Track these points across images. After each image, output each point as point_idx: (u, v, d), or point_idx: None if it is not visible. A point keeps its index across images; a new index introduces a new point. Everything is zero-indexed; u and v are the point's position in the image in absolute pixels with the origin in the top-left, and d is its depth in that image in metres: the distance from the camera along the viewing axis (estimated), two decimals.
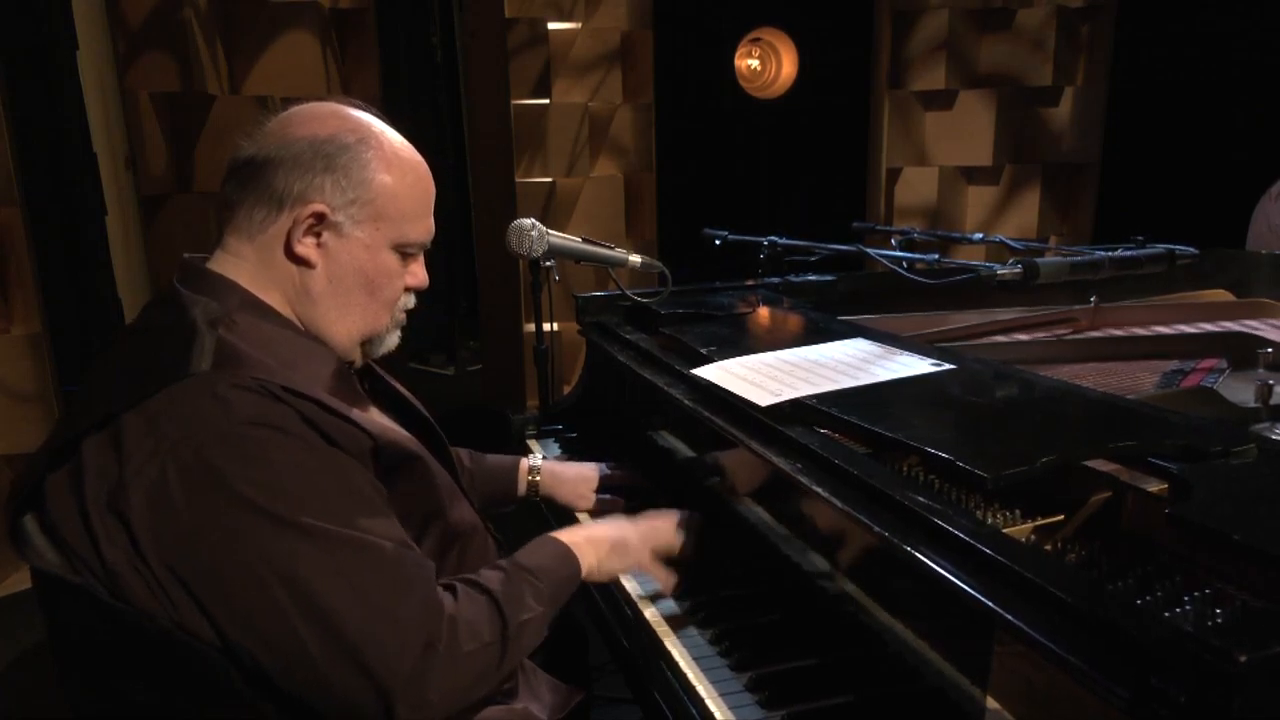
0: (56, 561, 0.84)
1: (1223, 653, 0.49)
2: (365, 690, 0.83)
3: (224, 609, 0.82)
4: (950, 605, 0.72)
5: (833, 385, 1.10)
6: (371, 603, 0.84)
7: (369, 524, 0.87)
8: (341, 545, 0.84)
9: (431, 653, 0.86)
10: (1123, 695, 0.54)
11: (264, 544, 0.82)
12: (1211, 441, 0.82)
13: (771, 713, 0.86)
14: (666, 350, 1.46)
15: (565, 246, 1.60)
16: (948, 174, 4.30)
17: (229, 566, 0.81)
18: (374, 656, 0.82)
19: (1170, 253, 1.36)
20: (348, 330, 1.02)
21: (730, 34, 4.18)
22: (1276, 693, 0.50)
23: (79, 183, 3.13)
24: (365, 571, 0.85)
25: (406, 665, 0.84)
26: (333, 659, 0.81)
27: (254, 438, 0.83)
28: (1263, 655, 0.49)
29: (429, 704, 0.86)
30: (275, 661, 0.82)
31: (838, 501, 0.87)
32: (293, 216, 0.96)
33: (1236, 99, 3.75)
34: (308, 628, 0.81)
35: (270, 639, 0.82)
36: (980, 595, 0.68)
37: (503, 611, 0.95)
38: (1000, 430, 0.94)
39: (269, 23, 3.40)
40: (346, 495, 0.88)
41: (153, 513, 0.81)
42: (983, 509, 0.91)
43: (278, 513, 0.82)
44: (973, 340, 1.78)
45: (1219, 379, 1.48)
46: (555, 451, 1.68)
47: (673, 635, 1.03)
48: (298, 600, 0.81)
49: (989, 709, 0.69)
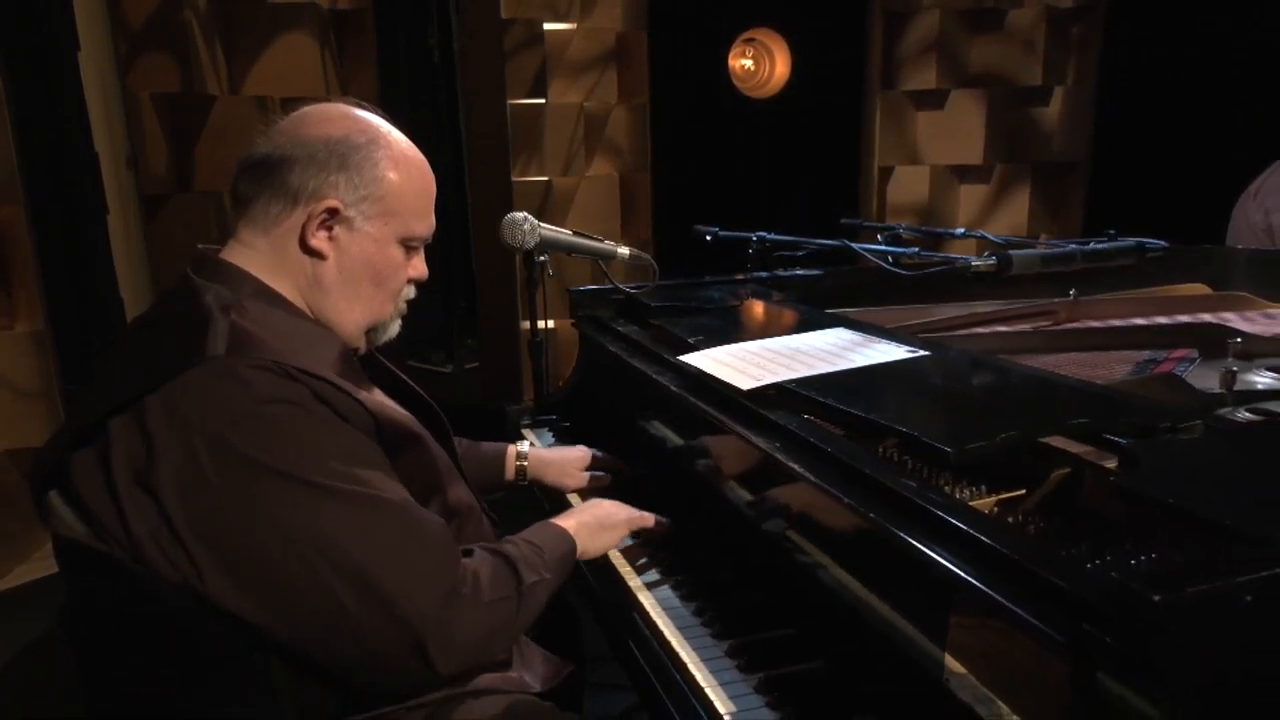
0: (83, 532, 0.90)
1: (1141, 596, 0.54)
2: (397, 635, 0.89)
3: (257, 572, 0.87)
4: (913, 569, 0.77)
5: (812, 371, 1.15)
6: (396, 554, 0.90)
7: (384, 485, 0.94)
8: (363, 503, 0.91)
9: (456, 598, 0.93)
10: (1059, 640, 0.59)
11: (291, 507, 0.87)
12: (1161, 419, 0.87)
13: (749, 675, 0.91)
14: (657, 341, 1.52)
15: (557, 239, 1.66)
16: (939, 173, 4.35)
17: (260, 531, 0.87)
18: (403, 603, 0.89)
19: (1140, 246, 1.41)
20: (355, 318, 1.08)
21: (724, 34, 4.23)
22: (1191, 631, 0.55)
23: (81, 182, 3.17)
24: (387, 526, 0.91)
25: (434, 609, 0.90)
26: (364, 608, 0.87)
27: (273, 413, 0.89)
28: (1177, 597, 0.54)
29: (456, 646, 0.93)
30: (308, 617, 0.88)
31: (812, 476, 0.92)
32: (307, 211, 1.02)
33: (1224, 99, 3.80)
34: (339, 581, 0.87)
35: (304, 595, 0.87)
36: (939, 558, 0.73)
37: (516, 571, 1.02)
38: (965, 410, 0.99)
39: (268, 24, 3.44)
40: (361, 462, 0.94)
41: (182, 488, 0.86)
42: (951, 485, 0.96)
43: (301, 477, 0.88)
44: (955, 332, 1.83)
45: (1189, 368, 1.53)
46: (550, 440, 1.73)
47: (650, 596, 1.09)
48: (327, 556, 0.87)
49: (947, 665, 0.74)
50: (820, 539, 0.96)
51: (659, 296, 1.75)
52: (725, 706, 0.88)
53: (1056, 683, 0.61)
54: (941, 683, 0.75)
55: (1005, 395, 1.04)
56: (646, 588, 1.14)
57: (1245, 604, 0.55)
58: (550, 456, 1.49)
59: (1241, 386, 1.40)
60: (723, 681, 0.92)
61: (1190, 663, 0.55)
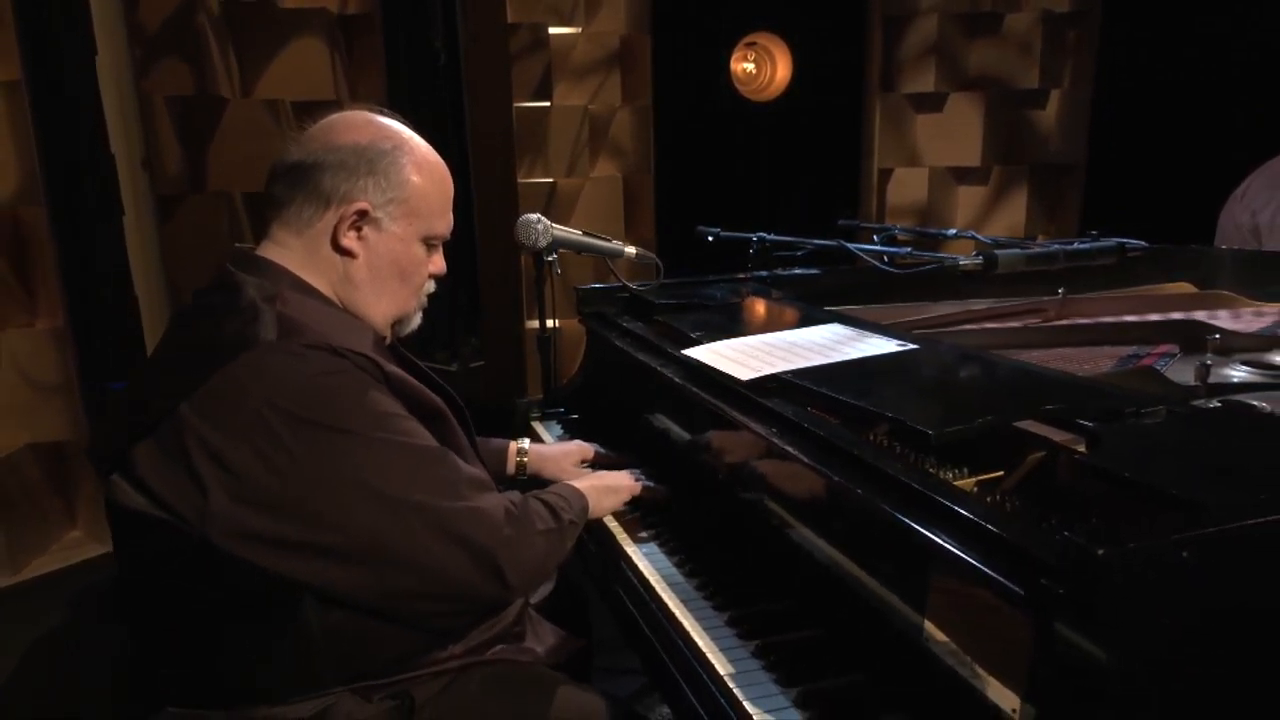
0: (148, 506, 0.97)
1: (1087, 550, 0.62)
2: (475, 558, 1.00)
3: (334, 521, 0.96)
4: (895, 540, 0.84)
5: (807, 363, 1.22)
6: (456, 490, 1.02)
7: (426, 436, 1.05)
8: (420, 451, 1.03)
9: (514, 523, 1.05)
10: (1019, 593, 0.67)
11: (360, 460, 0.97)
12: (1127, 405, 0.94)
13: (747, 642, 0.99)
14: (661, 336, 1.59)
15: (568, 238, 1.74)
16: (938, 174, 4.42)
17: (336, 486, 0.96)
18: (473, 529, 1.01)
19: (1120, 246, 1.48)
20: (383, 312, 1.16)
21: (726, 38, 4.30)
22: (1132, 582, 0.62)
23: (98, 183, 3.25)
24: (444, 468, 1.04)
25: (501, 534, 1.03)
26: (440, 539, 0.99)
27: (331, 384, 0.99)
28: (1118, 551, 0.61)
29: (523, 565, 1.05)
30: (383, 550, 0.98)
31: (805, 458, 1.00)
32: (339, 213, 1.10)
33: (1217, 102, 3.87)
34: (416, 515, 0.98)
35: (377, 537, 0.97)
36: (918, 527, 0.80)
37: (554, 509, 1.15)
38: (947, 398, 1.06)
39: (279, 28, 3.52)
40: (410, 420, 1.05)
41: (264, 456, 0.95)
42: (936, 467, 1.03)
43: (364, 433, 0.98)
44: (948, 328, 1.90)
45: (1169, 363, 1.60)
46: (558, 433, 1.81)
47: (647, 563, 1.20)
48: (398, 496, 0.98)
49: (926, 627, 0.81)
50: (812, 515, 1.04)
51: (663, 294, 1.82)
52: (724, 668, 0.95)
53: (1020, 634, 0.69)
54: (921, 643, 0.82)
55: (985, 384, 1.11)
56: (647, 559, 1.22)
57: (1182, 559, 0.63)
58: (549, 452, 1.57)
59: (1218, 380, 1.47)
60: (723, 648, 0.99)
61: (1133, 611, 0.62)
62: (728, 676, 0.94)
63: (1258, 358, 1.58)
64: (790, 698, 0.89)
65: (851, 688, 0.89)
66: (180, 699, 1.04)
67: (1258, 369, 1.52)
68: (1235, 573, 0.66)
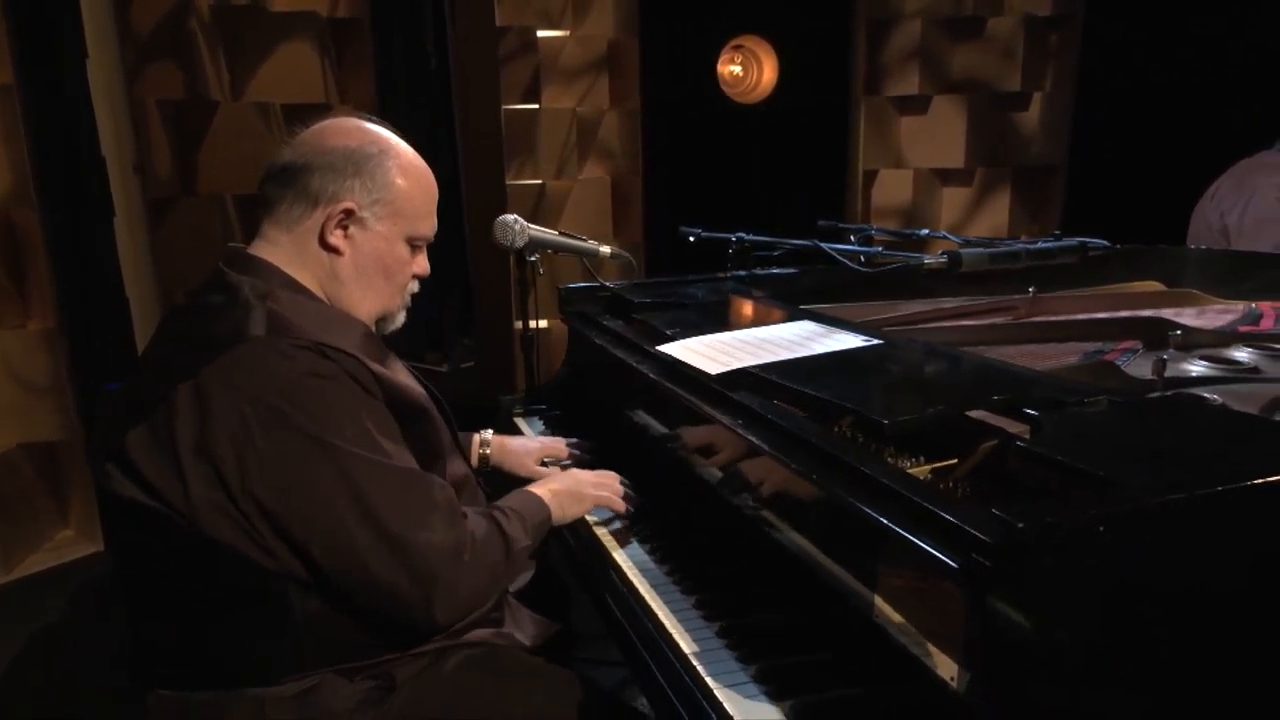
0: (138, 494, 1.02)
1: (1010, 524, 0.66)
2: (410, 588, 1.02)
3: (298, 523, 1.01)
4: (847, 522, 0.89)
5: (775, 358, 1.27)
6: (414, 515, 1.04)
7: (401, 455, 1.08)
8: (387, 470, 1.04)
9: (460, 559, 1.06)
10: (954, 565, 0.72)
11: (327, 468, 1.01)
12: (1070, 395, 0.99)
13: (711, 623, 1.04)
14: (638, 333, 1.64)
15: (544, 238, 1.79)
16: (922, 176, 4.47)
17: (300, 487, 1.00)
18: (417, 556, 1.02)
19: (1082, 245, 1.54)
20: (368, 309, 1.21)
21: (713, 41, 4.35)
22: (1051, 553, 0.67)
23: (89, 186, 3.28)
24: (407, 491, 1.05)
25: (444, 567, 1.04)
26: (384, 561, 1.01)
27: (312, 386, 1.03)
28: (1039, 526, 0.66)
29: (459, 602, 1.08)
30: (335, 564, 1.02)
31: (766, 447, 1.04)
32: (326, 212, 1.15)
33: (1196, 105, 3.94)
34: (365, 534, 1.01)
35: (333, 544, 1.01)
36: (867, 509, 0.85)
37: (506, 536, 1.16)
38: (904, 390, 1.11)
39: (269, 32, 3.55)
40: (384, 431, 1.07)
41: (236, 451, 0.99)
42: (894, 456, 1.08)
43: (336, 443, 1.01)
44: (921, 325, 1.95)
45: (1131, 358, 1.66)
46: (539, 428, 1.85)
47: (624, 555, 1.23)
48: (356, 511, 1.01)
49: (876, 603, 0.86)
50: (774, 502, 1.09)
51: (643, 293, 1.87)
52: (689, 646, 1.00)
53: (956, 606, 0.73)
54: (872, 619, 0.87)
55: (939, 377, 1.16)
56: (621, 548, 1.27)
57: (1099, 533, 0.67)
58: (511, 446, 1.59)
59: (1176, 374, 1.53)
60: (688, 627, 1.04)
61: (1055, 582, 0.67)
62: (692, 655, 0.98)
63: (1216, 353, 1.64)
64: (750, 673, 0.94)
65: (808, 663, 0.94)
66: (170, 682, 1.08)
67: (1215, 364, 1.57)
68: (1150, 547, 0.71)
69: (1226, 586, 0.76)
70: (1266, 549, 0.78)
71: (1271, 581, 0.77)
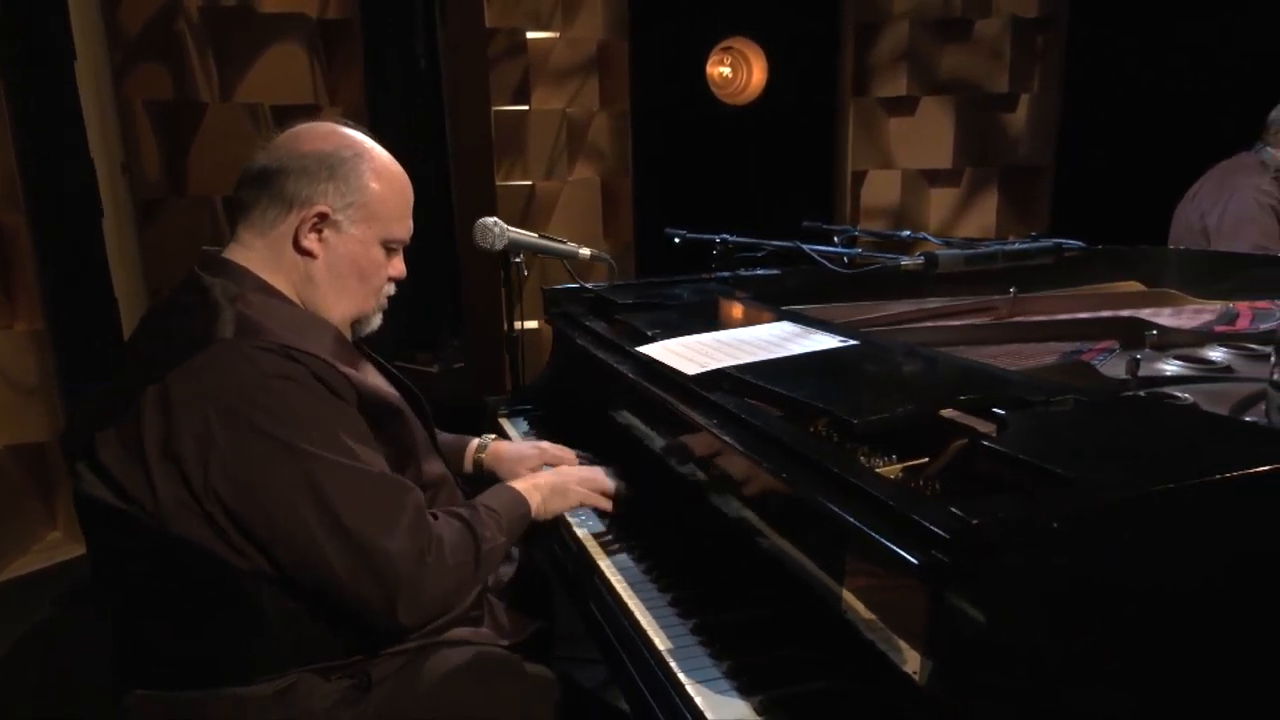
0: (108, 495, 1.03)
1: (965, 521, 0.68)
2: (374, 590, 1.03)
3: (259, 522, 1.01)
4: (817, 519, 0.90)
5: (752, 358, 1.29)
6: (377, 517, 1.04)
7: (368, 457, 1.07)
8: (351, 473, 1.04)
9: (424, 561, 1.06)
10: (914, 562, 0.73)
11: (289, 470, 1.01)
12: (1038, 395, 1.01)
13: (686, 620, 1.05)
14: (620, 334, 1.65)
15: (523, 240, 1.81)
16: (910, 177, 4.50)
17: (263, 489, 1.01)
18: (380, 560, 1.02)
19: (1058, 246, 1.55)
20: (342, 311, 1.22)
21: (703, 43, 4.37)
22: (1005, 549, 0.68)
23: (77, 187, 3.28)
24: (370, 493, 1.05)
25: (406, 570, 1.04)
26: (346, 563, 1.01)
27: (276, 388, 1.03)
28: (993, 522, 0.68)
29: (423, 605, 1.07)
30: (298, 564, 1.02)
31: (740, 447, 1.06)
32: (300, 216, 1.16)
33: (1181, 105, 3.97)
34: (326, 536, 1.01)
35: (295, 545, 1.01)
36: (835, 507, 0.87)
37: (476, 536, 1.15)
38: (876, 389, 1.13)
39: (258, 33, 3.56)
40: (350, 434, 1.07)
41: (200, 452, 1.00)
42: (867, 455, 1.10)
43: (299, 445, 1.02)
44: (904, 326, 1.97)
45: (1108, 358, 1.68)
46: (524, 428, 1.86)
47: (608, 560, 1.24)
48: (318, 514, 1.01)
49: (845, 599, 0.88)
50: (749, 500, 1.10)
51: (627, 294, 1.89)
52: (664, 643, 1.01)
53: (918, 600, 0.75)
54: (841, 614, 0.88)
55: (911, 377, 1.18)
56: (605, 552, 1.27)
57: (1053, 529, 0.69)
58: (506, 453, 1.57)
59: (1150, 373, 1.55)
60: (664, 625, 1.05)
61: (1009, 577, 0.69)
62: (667, 652, 1.00)
63: (1191, 353, 1.66)
64: (722, 669, 0.95)
65: (779, 659, 0.95)
66: (147, 682, 1.09)
67: (1189, 363, 1.59)
68: (1107, 543, 0.73)
69: (1183, 583, 0.77)
70: (1222, 546, 0.79)
71: (1225, 578, 0.79)
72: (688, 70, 4.31)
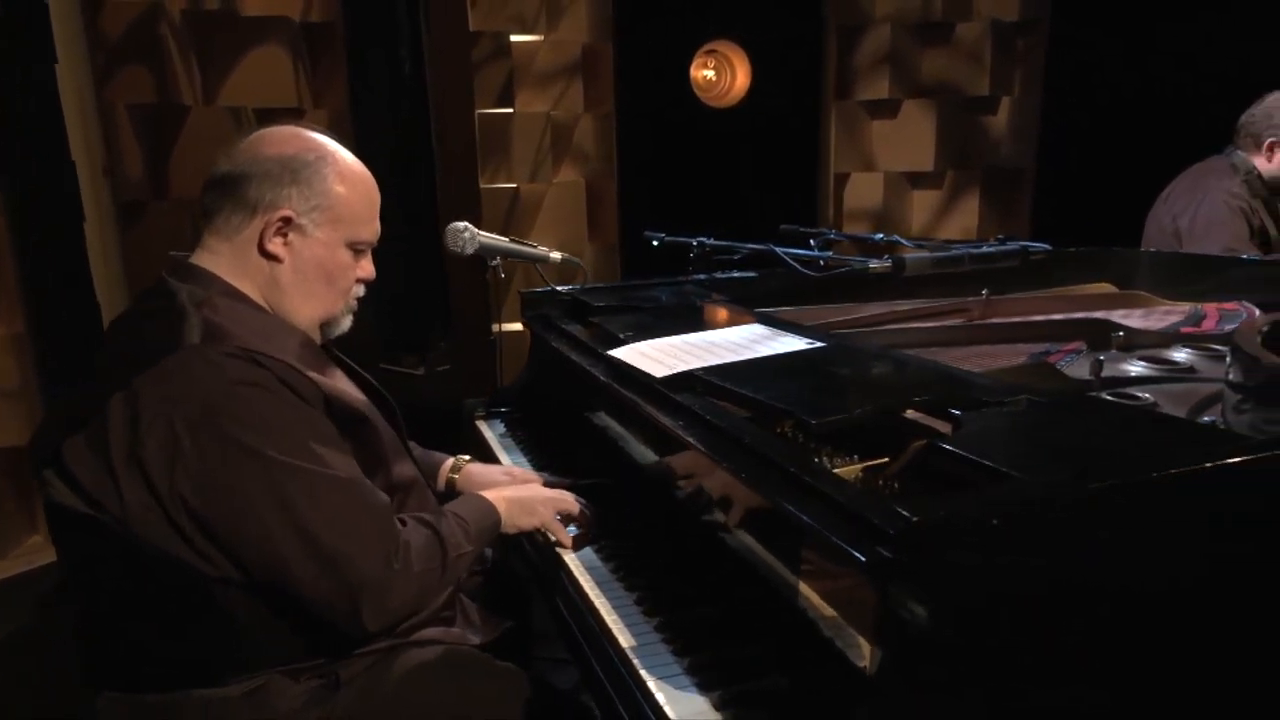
0: (77, 501, 1.04)
1: (905, 518, 0.70)
2: (337, 595, 1.04)
3: (225, 529, 1.02)
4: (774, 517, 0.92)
5: (720, 360, 1.30)
6: (342, 524, 1.05)
7: (336, 462, 1.08)
8: (316, 478, 1.05)
9: (390, 567, 1.07)
10: (860, 559, 0.75)
11: (255, 477, 1.02)
12: (993, 395, 1.03)
13: (650, 619, 1.07)
14: (593, 337, 1.67)
15: (494, 245, 1.83)
16: (893, 179, 4.53)
17: (228, 496, 1.02)
18: (345, 566, 1.03)
19: (1024, 249, 1.58)
20: (309, 314, 1.23)
21: (686, 46, 4.39)
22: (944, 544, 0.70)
23: (58, 190, 3.27)
24: (337, 499, 1.06)
25: (372, 575, 1.05)
26: (310, 568, 1.03)
27: (242, 394, 1.04)
28: (931, 517, 0.70)
29: (389, 611, 1.08)
30: (263, 569, 1.03)
31: (702, 447, 1.08)
32: (265, 220, 1.17)
33: (1160, 108, 4.02)
34: (291, 541, 1.02)
35: (260, 550, 1.03)
36: (790, 505, 0.89)
37: (443, 544, 1.16)
38: (837, 390, 1.15)
39: (241, 37, 3.55)
40: (317, 439, 1.08)
41: (165, 458, 1.01)
42: (830, 455, 1.12)
43: (265, 452, 1.02)
44: (876, 328, 1.99)
45: (1075, 359, 1.70)
46: (500, 430, 1.88)
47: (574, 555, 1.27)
48: (283, 520, 1.02)
49: (801, 591, 0.90)
50: (713, 500, 1.12)
51: (603, 297, 1.90)
52: (627, 640, 1.03)
53: (867, 594, 0.77)
54: (798, 608, 0.90)
55: (875, 378, 1.20)
56: None
57: (992, 526, 0.71)
58: (479, 477, 1.54)
59: (1115, 374, 1.58)
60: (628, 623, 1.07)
61: (951, 570, 0.71)
62: (630, 649, 1.01)
63: (1156, 353, 1.69)
64: (684, 666, 0.97)
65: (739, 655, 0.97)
66: (118, 684, 1.10)
67: (1153, 364, 1.62)
68: (1045, 539, 0.75)
69: (1125, 579, 0.79)
70: (1165, 544, 0.82)
71: (1168, 575, 0.81)
72: (672, 73, 4.33)
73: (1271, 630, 0.85)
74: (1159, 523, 0.79)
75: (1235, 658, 0.84)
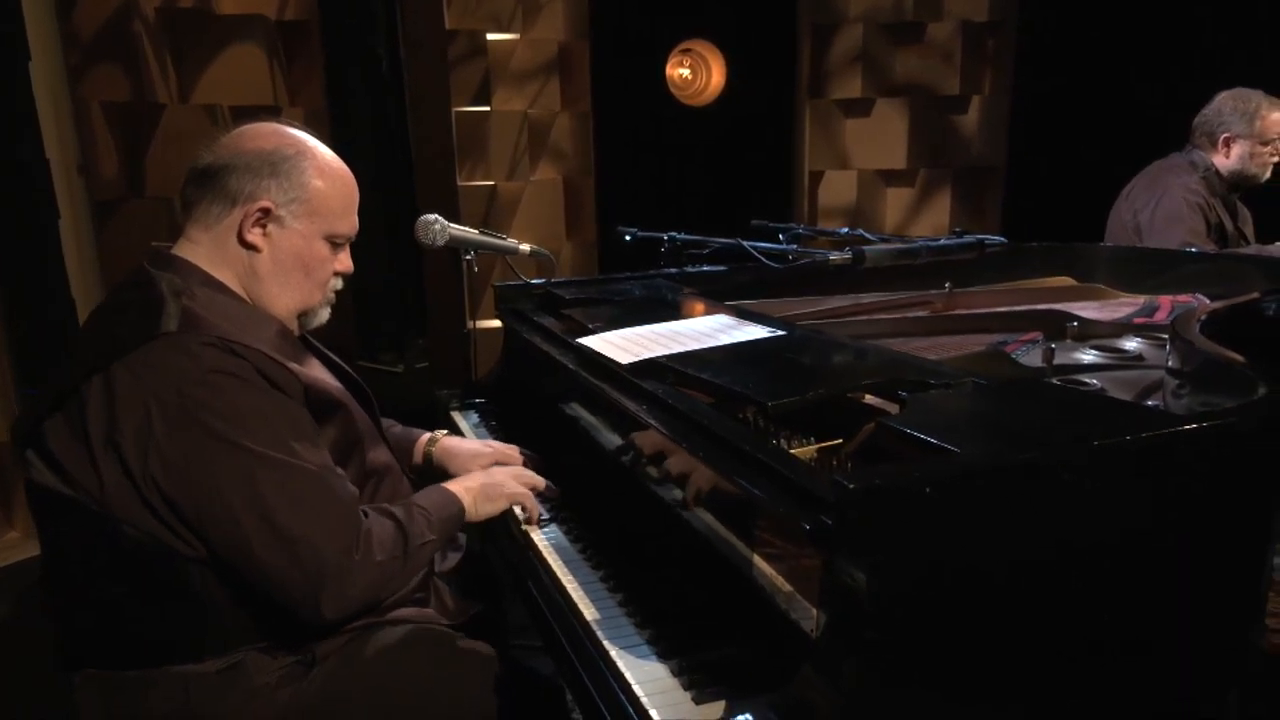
0: (56, 481, 1.06)
1: (843, 485, 0.74)
2: (298, 581, 1.07)
3: (193, 511, 1.06)
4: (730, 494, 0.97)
5: (684, 348, 1.35)
6: (307, 512, 1.08)
7: (305, 452, 1.11)
8: (284, 467, 1.08)
9: (350, 556, 1.10)
10: (807, 527, 0.80)
11: (225, 463, 1.05)
12: (941, 378, 1.09)
13: (615, 594, 1.11)
14: (565, 329, 1.70)
15: (464, 237, 1.86)
16: (866, 177, 4.60)
17: (198, 480, 1.05)
18: (305, 554, 1.06)
19: (980, 243, 1.64)
20: (287, 304, 1.26)
21: (662, 45, 4.43)
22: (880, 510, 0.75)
23: (32, 188, 3.26)
24: (302, 488, 1.08)
25: (331, 564, 1.08)
26: (273, 553, 1.06)
27: (217, 383, 1.07)
28: (867, 485, 0.74)
29: (349, 599, 1.11)
30: (228, 552, 1.06)
31: (664, 429, 1.12)
32: (244, 211, 1.20)
33: (1125, 107, 4.11)
34: (255, 527, 1.05)
35: (226, 534, 1.06)
36: (744, 482, 0.93)
37: (405, 534, 1.19)
38: (794, 375, 1.20)
39: (216, 34, 3.56)
40: (289, 428, 1.11)
41: (139, 443, 1.04)
42: (788, 437, 1.17)
43: (236, 440, 1.06)
44: (840, 319, 2.05)
45: (1032, 348, 1.76)
46: (475, 420, 1.91)
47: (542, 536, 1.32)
48: (249, 506, 1.05)
49: (755, 563, 0.94)
50: (674, 479, 1.17)
51: (575, 290, 1.94)
52: (591, 614, 1.07)
53: (813, 561, 0.82)
54: (752, 577, 0.95)
55: (830, 364, 1.25)
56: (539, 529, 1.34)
57: (925, 494, 0.76)
58: (456, 449, 1.59)
59: (1067, 362, 1.64)
60: (594, 598, 1.11)
61: (886, 537, 0.76)
62: (594, 622, 1.06)
63: (1108, 343, 1.76)
64: (645, 637, 1.01)
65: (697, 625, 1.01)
66: (96, 661, 1.13)
67: (1104, 353, 1.69)
68: (977, 508, 0.79)
69: (1054, 544, 0.84)
70: (1093, 515, 0.87)
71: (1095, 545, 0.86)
72: (648, 71, 4.38)
73: (1197, 595, 0.91)
74: (1086, 493, 0.84)
75: (1160, 619, 0.89)
